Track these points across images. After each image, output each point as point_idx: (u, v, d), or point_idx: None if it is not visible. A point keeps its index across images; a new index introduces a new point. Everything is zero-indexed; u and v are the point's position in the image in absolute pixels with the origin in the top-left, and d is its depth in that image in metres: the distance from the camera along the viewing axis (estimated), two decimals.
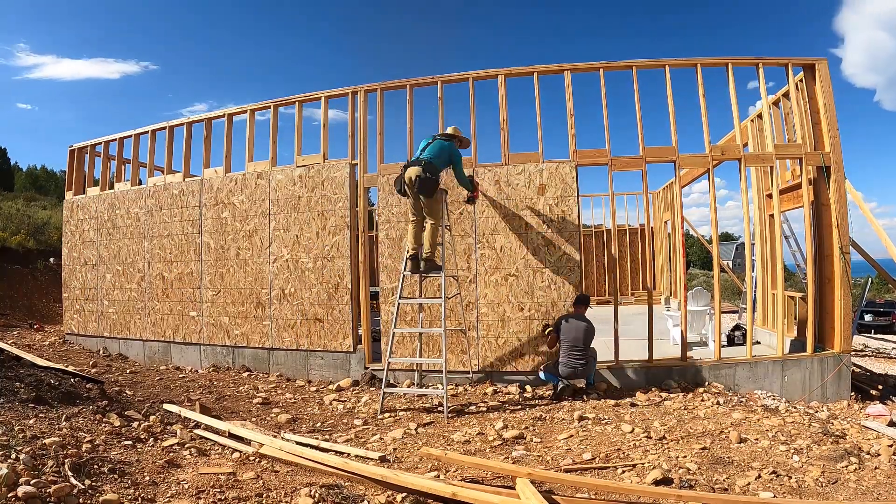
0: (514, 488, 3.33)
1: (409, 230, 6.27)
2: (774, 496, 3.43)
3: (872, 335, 15.47)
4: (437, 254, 6.25)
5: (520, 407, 6.01)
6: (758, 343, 8.17)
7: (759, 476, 3.73)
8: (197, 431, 4.78)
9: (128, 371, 8.16)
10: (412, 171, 5.94)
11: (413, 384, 7.12)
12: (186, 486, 3.30)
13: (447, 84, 7.47)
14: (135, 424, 4.68)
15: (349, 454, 4.36)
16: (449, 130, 6.57)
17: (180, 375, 8.00)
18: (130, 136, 9.90)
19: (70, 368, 7.07)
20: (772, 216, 8.43)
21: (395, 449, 4.68)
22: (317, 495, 3.17)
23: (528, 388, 6.73)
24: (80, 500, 2.82)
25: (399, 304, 6.31)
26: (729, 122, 7.38)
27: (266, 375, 7.99)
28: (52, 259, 15.33)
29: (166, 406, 5.66)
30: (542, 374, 6.45)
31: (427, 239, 6.09)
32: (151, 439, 4.34)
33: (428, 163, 5.94)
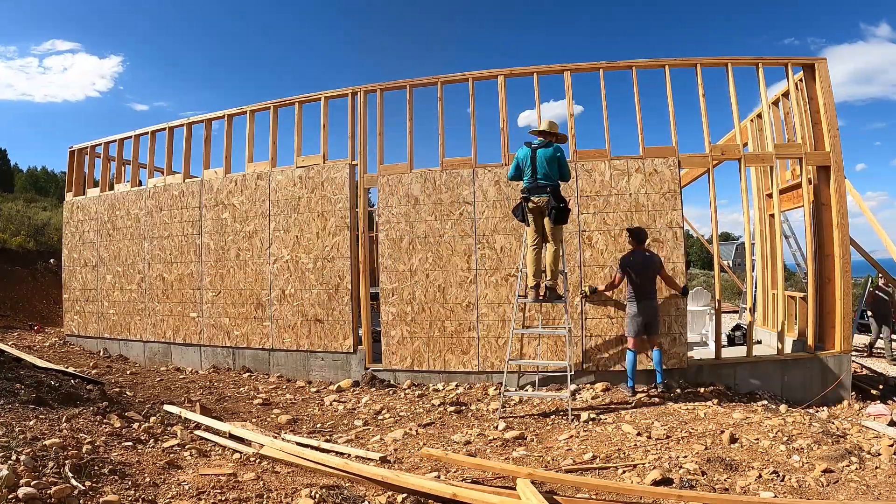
0: (514, 489, 3.33)
1: (528, 256, 5.89)
2: (775, 496, 3.43)
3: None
4: (560, 281, 5.93)
5: (521, 407, 6.00)
6: (758, 343, 8.17)
7: (760, 476, 3.73)
8: (197, 432, 4.78)
9: (128, 372, 8.16)
10: (540, 201, 5.61)
11: (413, 385, 7.12)
12: (187, 487, 3.29)
13: (447, 84, 7.48)
14: (135, 425, 4.68)
15: (350, 455, 4.36)
16: (543, 126, 5.81)
17: (181, 376, 8.00)
18: (130, 136, 9.91)
19: (70, 370, 7.07)
20: (772, 216, 8.43)
21: (395, 449, 4.68)
22: (317, 496, 3.17)
23: (529, 387, 6.72)
24: (81, 502, 2.82)
25: (513, 334, 6.06)
26: (729, 121, 7.39)
27: (266, 376, 7.99)
28: (52, 260, 15.33)
29: (167, 407, 5.66)
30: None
31: (550, 265, 5.74)
32: (152, 440, 4.34)
33: (554, 188, 5.62)
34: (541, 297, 5.91)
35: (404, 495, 3.33)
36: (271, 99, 8.39)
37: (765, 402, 6.11)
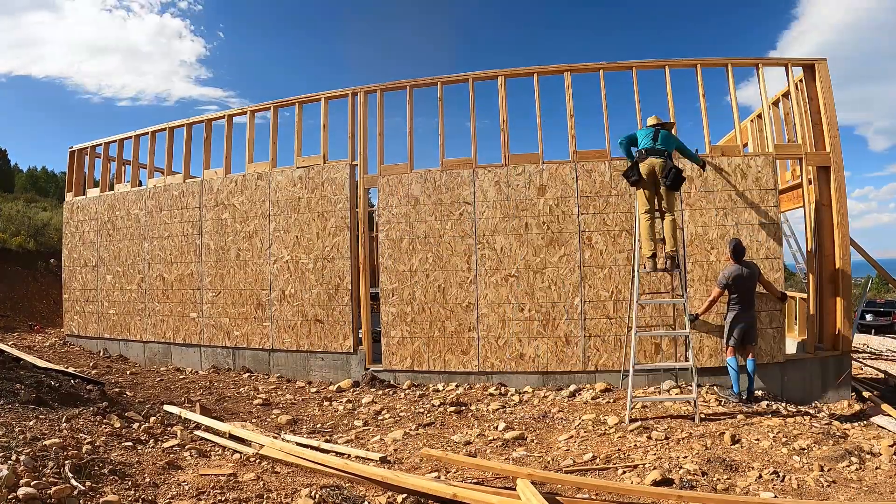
0: (514, 489, 3.33)
1: (641, 226, 5.78)
2: (775, 496, 3.43)
3: (873, 335, 15.46)
4: (680, 250, 5.91)
5: (520, 407, 6.00)
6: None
7: (760, 476, 3.73)
8: (197, 433, 4.78)
9: (128, 372, 8.16)
10: (655, 162, 5.60)
11: (413, 385, 7.12)
12: (187, 488, 3.30)
13: (447, 85, 7.49)
14: (135, 426, 4.68)
15: (350, 455, 4.36)
16: (653, 121, 5.97)
17: (181, 377, 8.00)
18: (130, 137, 9.91)
19: (70, 370, 7.07)
20: None
21: (395, 450, 4.68)
22: (317, 496, 3.17)
23: (529, 388, 6.73)
24: (81, 502, 2.82)
25: (638, 304, 5.78)
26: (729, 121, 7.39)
27: (266, 376, 7.99)
28: (52, 260, 15.33)
29: (167, 407, 5.66)
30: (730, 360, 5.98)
31: (669, 234, 5.70)
32: (152, 441, 4.34)
33: (670, 154, 5.65)
34: (659, 267, 5.81)
35: (404, 495, 3.33)
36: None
37: (765, 402, 6.11)
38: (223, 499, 3.15)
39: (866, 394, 6.90)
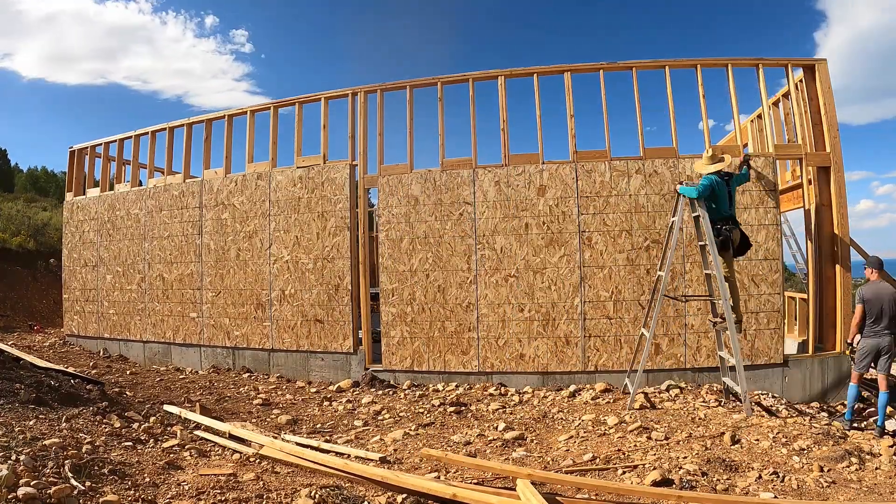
0: (514, 489, 3.33)
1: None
2: (775, 496, 3.43)
3: None
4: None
5: (520, 407, 6.00)
6: None
7: (760, 476, 3.73)
8: (197, 433, 4.78)
9: (128, 372, 8.15)
10: (736, 236, 5.63)
11: (413, 385, 7.12)
12: (187, 488, 3.29)
13: (447, 85, 7.49)
14: (135, 426, 4.68)
15: (350, 455, 4.36)
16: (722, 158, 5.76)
17: (180, 376, 7.99)
18: (130, 136, 9.91)
19: (70, 370, 7.06)
20: None
21: (395, 450, 4.68)
22: (317, 496, 3.16)
23: (529, 388, 6.73)
24: (81, 502, 2.81)
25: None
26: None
27: (266, 376, 7.98)
28: (52, 260, 15.32)
29: (166, 407, 5.65)
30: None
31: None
32: (152, 440, 4.34)
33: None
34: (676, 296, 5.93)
35: (404, 496, 3.32)
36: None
37: (765, 402, 6.11)
38: (223, 499, 3.15)
39: (865, 394, 6.89)
